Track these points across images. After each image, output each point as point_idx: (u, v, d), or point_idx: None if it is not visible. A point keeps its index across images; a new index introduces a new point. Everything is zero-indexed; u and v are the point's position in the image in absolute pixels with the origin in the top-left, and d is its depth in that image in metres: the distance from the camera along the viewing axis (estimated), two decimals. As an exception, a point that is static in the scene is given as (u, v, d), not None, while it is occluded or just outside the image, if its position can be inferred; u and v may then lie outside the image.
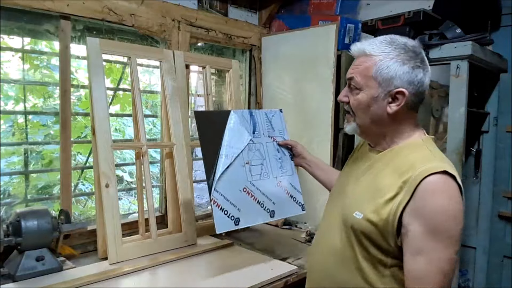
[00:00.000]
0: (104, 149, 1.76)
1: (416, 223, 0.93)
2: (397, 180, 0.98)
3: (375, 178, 1.06)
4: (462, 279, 2.19)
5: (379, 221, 0.98)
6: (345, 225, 1.07)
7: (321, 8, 2.59)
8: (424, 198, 0.93)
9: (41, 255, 1.58)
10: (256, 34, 2.73)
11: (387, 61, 1.02)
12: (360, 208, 1.03)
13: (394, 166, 1.02)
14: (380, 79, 1.02)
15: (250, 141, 1.64)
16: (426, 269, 0.93)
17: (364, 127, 1.09)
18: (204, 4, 2.44)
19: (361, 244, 1.03)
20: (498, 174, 2.17)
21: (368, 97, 1.05)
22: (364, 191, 1.06)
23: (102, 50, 1.83)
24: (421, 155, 1.01)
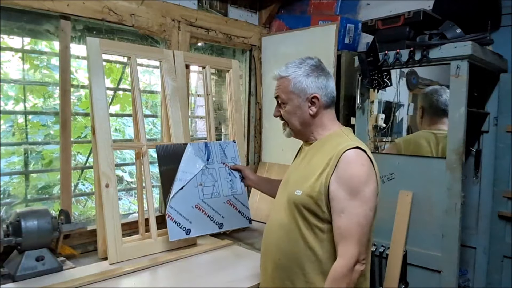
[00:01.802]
0: (104, 149, 1.76)
1: (339, 188, 1.21)
2: (324, 159, 1.26)
3: (309, 163, 1.34)
4: (462, 279, 2.19)
5: (314, 193, 1.24)
6: (289, 203, 1.32)
7: (321, 8, 2.59)
8: (343, 168, 1.21)
9: (41, 255, 1.58)
10: (256, 34, 2.73)
11: (297, 77, 1.34)
12: (299, 187, 1.29)
13: (322, 151, 1.31)
14: (297, 91, 1.34)
15: (204, 167, 1.97)
16: (348, 223, 1.20)
17: (296, 130, 1.40)
18: (204, 4, 2.44)
19: (302, 216, 1.27)
20: (498, 174, 2.17)
21: (293, 107, 1.35)
22: (302, 174, 1.33)
23: (102, 50, 1.83)
24: (341, 140, 1.30)
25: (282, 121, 1.43)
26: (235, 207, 2.05)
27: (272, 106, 2.82)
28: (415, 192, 1.94)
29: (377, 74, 2.00)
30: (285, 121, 1.41)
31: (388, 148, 2.25)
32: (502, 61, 2.09)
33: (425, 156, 1.98)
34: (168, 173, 1.89)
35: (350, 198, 1.19)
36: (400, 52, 1.92)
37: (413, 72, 2.14)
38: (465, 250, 2.20)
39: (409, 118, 2.30)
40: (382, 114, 2.22)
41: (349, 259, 1.19)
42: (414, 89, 2.24)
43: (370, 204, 1.22)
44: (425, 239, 1.91)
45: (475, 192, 2.23)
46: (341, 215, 1.20)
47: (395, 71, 2.03)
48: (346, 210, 1.20)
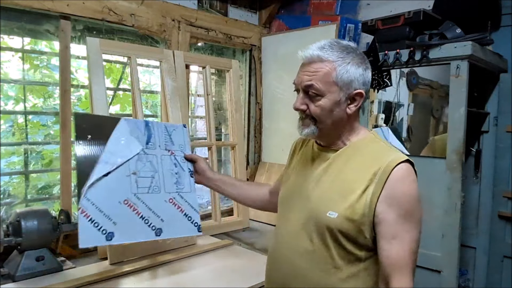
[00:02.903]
0: (104, 149, 1.76)
1: (390, 210, 1.00)
2: (365, 173, 1.03)
3: (338, 176, 1.08)
4: (462, 279, 2.19)
5: (356, 216, 1.01)
6: (318, 226, 1.07)
7: (321, 8, 2.59)
8: (395, 186, 1.00)
9: (41, 255, 1.58)
10: (256, 34, 2.73)
11: (345, 65, 1.05)
12: (332, 207, 1.05)
13: (357, 161, 1.07)
14: (341, 83, 1.05)
15: (142, 152, 1.46)
16: (401, 251, 1.00)
17: (325, 130, 1.10)
18: (204, 4, 2.44)
19: (337, 243, 1.05)
20: (498, 174, 2.17)
21: (331, 102, 1.06)
22: (331, 190, 1.08)
23: (102, 50, 1.82)
24: (380, 147, 1.10)
25: (303, 115, 1.12)
26: (180, 208, 1.52)
27: (272, 106, 2.84)
28: (415, 192, 1.94)
29: (377, 74, 2.00)
30: (311, 117, 1.10)
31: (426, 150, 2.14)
32: (502, 61, 2.09)
33: (425, 156, 1.98)
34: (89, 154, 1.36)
35: (402, 221, 1.00)
36: (400, 52, 1.92)
37: (413, 72, 2.14)
38: (465, 250, 2.20)
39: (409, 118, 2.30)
40: (382, 114, 2.21)
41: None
42: (414, 89, 2.24)
43: (420, 227, 1.05)
44: (425, 239, 1.89)
45: (475, 192, 2.23)
46: (392, 241, 1.00)
47: (395, 71, 2.03)
48: (399, 235, 1.00)
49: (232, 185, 1.52)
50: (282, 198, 1.24)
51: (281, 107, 2.66)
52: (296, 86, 1.11)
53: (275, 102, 2.69)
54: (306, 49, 1.08)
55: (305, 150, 1.25)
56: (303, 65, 1.09)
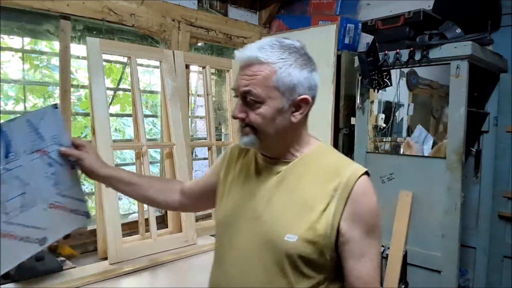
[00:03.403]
0: (104, 149, 1.76)
1: (355, 228, 0.91)
2: (323, 189, 0.93)
3: (293, 192, 0.95)
4: (462, 279, 2.19)
5: (317, 237, 0.90)
6: (275, 253, 0.92)
7: (321, 8, 2.59)
8: (359, 202, 0.92)
9: (41, 255, 1.58)
10: (256, 34, 2.72)
11: (286, 68, 0.92)
12: (290, 230, 0.91)
13: (312, 175, 0.96)
14: (283, 88, 0.92)
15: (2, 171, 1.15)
16: (370, 269, 0.94)
17: (267, 141, 0.96)
18: (204, 4, 2.44)
19: (296, 270, 0.92)
20: (498, 174, 2.17)
21: (273, 110, 0.92)
22: (287, 210, 0.94)
23: (102, 50, 1.83)
24: (335, 159, 1.00)
25: (242, 123, 0.97)
26: (63, 207, 1.31)
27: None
28: (415, 192, 1.94)
29: (377, 74, 2.00)
30: (249, 126, 0.95)
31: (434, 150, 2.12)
32: (502, 61, 2.09)
33: (425, 156, 1.99)
34: None
35: (368, 237, 0.93)
36: (400, 52, 1.92)
37: (413, 72, 2.14)
38: (465, 250, 2.20)
39: (409, 118, 2.30)
40: (382, 114, 2.22)
41: None
42: (414, 89, 2.24)
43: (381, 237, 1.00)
44: (425, 239, 1.91)
45: (475, 192, 2.23)
46: (361, 260, 0.92)
47: (395, 71, 2.03)
48: (366, 253, 0.92)
49: (129, 184, 1.23)
50: (222, 218, 1.06)
51: (281, 107, 2.65)
52: (234, 90, 0.97)
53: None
54: (243, 49, 0.95)
55: (246, 161, 1.08)
56: (241, 67, 0.95)
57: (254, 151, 1.07)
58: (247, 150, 1.09)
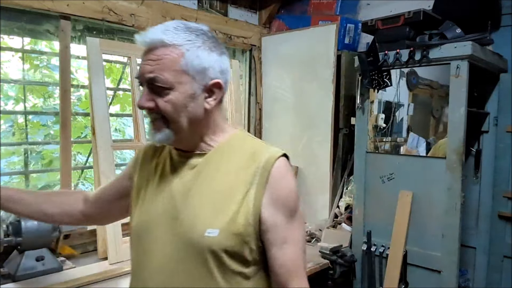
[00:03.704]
0: (104, 149, 1.76)
1: (277, 213, 0.87)
2: (241, 176, 0.88)
3: (211, 185, 0.89)
4: (462, 279, 2.19)
5: (240, 228, 0.85)
6: (197, 253, 0.85)
7: (321, 8, 2.59)
8: (278, 185, 0.87)
9: (41, 255, 1.58)
10: (256, 34, 2.72)
11: (195, 50, 0.85)
12: (211, 224, 0.85)
13: (230, 164, 0.90)
14: (193, 72, 0.85)
15: None
16: (294, 254, 0.89)
17: (181, 132, 0.88)
18: (204, 4, 2.44)
19: (222, 266, 0.85)
20: (498, 174, 2.17)
21: (184, 96, 0.85)
22: (205, 204, 0.88)
23: (102, 50, 1.83)
24: (253, 145, 0.94)
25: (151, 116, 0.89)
26: None
27: (272, 106, 2.84)
28: (415, 192, 1.94)
29: (377, 74, 2.00)
30: (160, 117, 0.87)
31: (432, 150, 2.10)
32: (502, 61, 2.09)
33: (425, 156, 1.98)
34: None
35: (291, 221, 0.89)
36: (400, 52, 1.92)
37: (413, 72, 2.14)
38: (465, 250, 2.19)
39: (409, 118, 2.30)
40: (382, 114, 2.21)
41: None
42: (414, 89, 2.24)
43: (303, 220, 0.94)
44: (425, 239, 1.91)
45: (475, 192, 2.23)
46: (284, 246, 0.88)
47: (395, 71, 2.03)
48: (289, 238, 0.88)
49: (20, 202, 1.08)
50: (137, 225, 0.96)
51: (281, 107, 2.66)
52: (138, 78, 0.88)
53: (275, 102, 2.69)
54: (145, 32, 0.88)
55: (161, 159, 0.99)
56: (144, 53, 0.88)
57: (168, 148, 0.99)
58: (162, 147, 1.01)
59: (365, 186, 2.09)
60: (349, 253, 1.99)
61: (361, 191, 2.10)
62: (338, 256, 1.96)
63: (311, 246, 2.14)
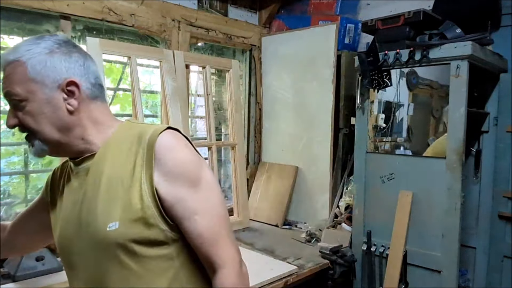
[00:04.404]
0: (104, 149, 1.76)
1: (175, 186, 0.84)
2: (129, 162, 0.86)
3: (102, 180, 0.88)
4: (462, 279, 2.19)
5: (139, 212, 0.83)
6: (108, 251, 0.84)
7: (321, 8, 2.59)
8: (166, 159, 0.84)
9: (41, 255, 1.58)
10: (256, 34, 2.73)
11: (35, 57, 0.85)
12: (109, 218, 0.83)
13: (118, 155, 0.89)
14: (40, 77, 0.85)
15: None
16: (209, 223, 0.86)
17: (53, 141, 0.87)
18: (204, 4, 2.44)
19: (135, 255, 0.84)
20: (498, 174, 2.17)
21: (38, 104, 0.85)
22: (100, 199, 0.86)
23: (102, 50, 1.83)
24: (140, 129, 0.90)
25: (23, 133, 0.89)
26: None
27: (272, 106, 2.84)
28: (415, 192, 1.94)
29: (377, 74, 2.00)
30: (28, 131, 0.87)
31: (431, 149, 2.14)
32: (502, 61, 2.09)
33: (425, 156, 1.99)
34: None
35: (194, 191, 0.86)
36: (400, 52, 1.92)
37: (413, 72, 2.14)
38: (465, 250, 2.19)
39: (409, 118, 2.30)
40: (382, 114, 2.21)
41: (232, 264, 0.89)
42: (414, 89, 2.24)
43: (218, 188, 0.92)
44: (425, 239, 1.91)
45: (475, 192, 2.23)
46: (195, 217, 0.85)
47: (395, 71, 2.03)
48: (199, 208, 0.86)
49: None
50: (59, 246, 0.96)
51: (281, 107, 2.66)
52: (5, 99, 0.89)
53: (275, 102, 2.69)
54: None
55: (63, 176, 0.99)
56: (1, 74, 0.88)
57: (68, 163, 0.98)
58: (62, 166, 1.02)
59: (365, 186, 2.09)
60: (349, 253, 1.99)
61: (361, 191, 2.10)
62: (338, 256, 1.96)
63: (311, 246, 2.14)
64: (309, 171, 2.50)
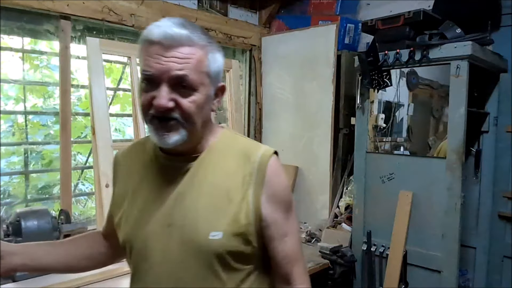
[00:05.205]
0: (104, 149, 1.76)
1: (276, 210, 0.89)
2: (238, 177, 0.88)
3: (207, 188, 0.88)
4: (462, 279, 2.19)
5: (242, 228, 0.85)
6: (202, 256, 0.85)
7: (321, 8, 2.59)
8: (274, 183, 0.88)
9: (41, 255, 1.58)
10: (256, 34, 2.72)
11: (214, 52, 0.85)
12: (213, 227, 0.84)
13: (224, 165, 0.90)
14: (213, 74, 0.85)
15: None
16: (294, 245, 0.94)
17: (192, 134, 0.86)
18: (204, 4, 2.44)
19: (227, 266, 0.86)
20: (498, 174, 2.17)
21: (204, 98, 0.84)
22: (204, 206, 0.86)
23: (102, 50, 1.83)
24: (243, 144, 0.93)
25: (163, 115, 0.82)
26: None
27: (272, 106, 2.84)
28: (415, 192, 1.94)
29: (377, 74, 2.00)
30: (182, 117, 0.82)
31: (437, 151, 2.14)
32: (502, 61, 2.09)
33: (425, 156, 1.99)
34: None
35: (288, 216, 0.92)
36: (400, 52, 1.92)
37: (413, 72, 2.14)
38: (465, 250, 2.19)
39: (409, 118, 2.30)
40: (382, 114, 2.22)
41: (307, 281, 0.95)
42: (414, 89, 2.25)
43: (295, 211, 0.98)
44: (425, 239, 1.91)
45: (475, 192, 2.23)
46: (285, 239, 0.90)
47: (395, 71, 2.03)
48: (288, 231, 0.91)
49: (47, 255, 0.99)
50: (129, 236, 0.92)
51: (281, 107, 2.66)
52: (155, 75, 0.80)
53: (275, 102, 2.69)
54: (161, 26, 0.80)
55: (141, 165, 0.96)
56: (163, 47, 0.80)
57: (148, 152, 0.95)
58: (135, 152, 0.99)
59: (365, 186, 2.09)
60: (349, 253, 1.99)
61: (361, 191, 2.10)
62: (338, 256, 1.96)
63: (311, 246, 2.14)
64: (309, 171, 2.50)
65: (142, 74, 0.83)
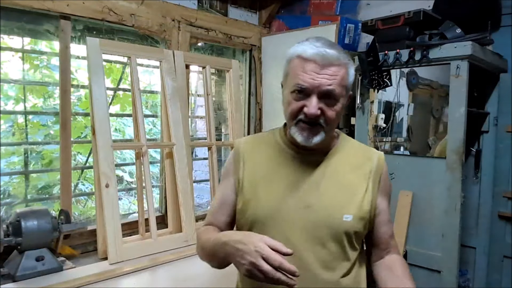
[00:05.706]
0: (104, 149, 1.76)
1: (384, 200, 1.13)
2: (361, 172, 1.10)
3: (339, 178, 1.08)
4: (462, 279, 2.19)
5: (365, 213, 1.06)
6: (334, 233, 1.03)
7: (321, 8, 2.59)
8: (385, 179, 1.13)
9: (41, 255, 1.58)
10: (256, 34, 2.72)
11: (351, 68, 1.05)
12: (346, 211, 1.04)
13: (348, 161, 1.11)
14: (349, 87, 1.05)
15: None
16: (392, 226, 1.18)
17: (330, 136, 1.08)
18: (204, 4, 2.44)
19: (351, 244, 1.07)
20: (498, 174, 2.17)
21: (342, 106, 1.05)
22: (339, 194, 1.06)
23: (102, 50, 1.83)
24: (359, 147, 1.18)
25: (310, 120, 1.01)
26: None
27: (272, 106, 2.83)
28: (415, 192, 1.94)
29: (377, 74, 2.00)
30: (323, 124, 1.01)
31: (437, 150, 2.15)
32: (502, 61, 2.09)
33: (425, 156, 1.99)
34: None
35: (389, 205, 1.16)
36: (400, 52, 1.92)
37: (413, 72, 2.14)
38: (465, 250, 2.20)
39: (409, 118, 2.30)
40: (382, 114, 2.22)
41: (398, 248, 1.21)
42: (414, 89, 2.24)
43: None
44: (425, 239, 1.91)
45: (475, 192, 2.23)
46: (388, 223, 1.14)
47: (395, 71, 2.03)
48: (389, 217, 1.16)
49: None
50: (266, 214, 1.06)
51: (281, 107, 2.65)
52: (308, 88, 0.99)
53: (275, 102, 2.69)
54: (316, 47, 1.01)
55: (268, 155, 1.14)
56: (318, 65, 0.99)
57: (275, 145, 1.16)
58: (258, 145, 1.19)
59: (365, 186, 2.09)
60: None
61: (361, 191, 2.09)
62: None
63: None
64: (309, 171, 2.49)
65: (296, 86, 1.03)
